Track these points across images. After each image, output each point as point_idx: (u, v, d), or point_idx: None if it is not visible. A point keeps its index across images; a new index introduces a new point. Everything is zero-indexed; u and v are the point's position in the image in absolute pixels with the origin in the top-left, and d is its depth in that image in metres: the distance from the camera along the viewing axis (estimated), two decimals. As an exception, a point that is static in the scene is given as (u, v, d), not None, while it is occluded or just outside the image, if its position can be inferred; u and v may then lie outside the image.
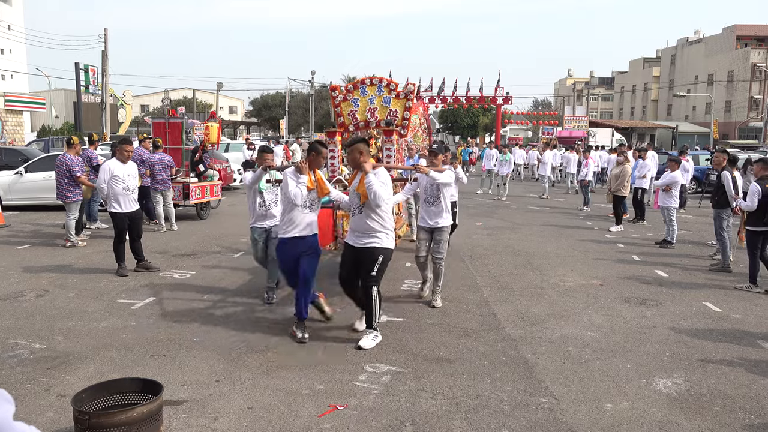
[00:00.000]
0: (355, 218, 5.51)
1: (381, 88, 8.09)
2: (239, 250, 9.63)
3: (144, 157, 11.47)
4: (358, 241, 5.45)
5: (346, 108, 8.21)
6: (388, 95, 8.07)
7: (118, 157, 8.09)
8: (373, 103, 8.12)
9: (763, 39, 57.73)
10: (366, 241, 5.39)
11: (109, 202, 7.94)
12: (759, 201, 7.54)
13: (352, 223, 5.57)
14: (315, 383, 4.53)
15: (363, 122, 8.19)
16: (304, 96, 62.79)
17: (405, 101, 8.06)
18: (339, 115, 8.27)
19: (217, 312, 6.34)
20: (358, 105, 8.16)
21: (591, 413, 4.13)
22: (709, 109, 49.83)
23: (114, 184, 7.87)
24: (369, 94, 8.13)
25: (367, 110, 8.15)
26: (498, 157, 19.10)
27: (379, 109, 8.12)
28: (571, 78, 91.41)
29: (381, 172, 5.45)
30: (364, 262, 5.39)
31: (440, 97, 34.67)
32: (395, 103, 8.08)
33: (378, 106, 8.12)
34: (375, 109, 8.13)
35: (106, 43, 33.90)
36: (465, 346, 5.42)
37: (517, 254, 9.78)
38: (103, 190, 7.93)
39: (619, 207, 12.85)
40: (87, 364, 4.85)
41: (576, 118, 44.95)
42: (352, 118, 8.20)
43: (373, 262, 5.35)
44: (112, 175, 7.86)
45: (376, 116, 8.13)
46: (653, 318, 6.43)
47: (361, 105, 8.16)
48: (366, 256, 5.38)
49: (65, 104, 53.12)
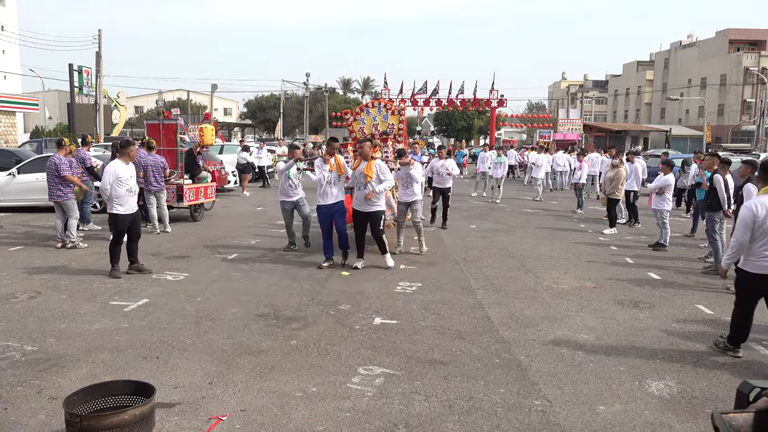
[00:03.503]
0: (359, 192, 8.40)
1: (381, 108, 10.88)
2: (233, 252, 9.62)
3: (137, 159, 11.43)
4: (364, 208, 8.41)
5: (356, 126, 10.87)
6: (386, 113, 10.81)
7: (122, 158, 8.06)
8: (376, 120, 10.80)
9: (756, 43, 58.08)
10: (371, 208, 8.41)
11: (111, 203, 7.86)
12: None
13: (358, 196, 8.47)
14: (308, 385, 4.53)
15: (370, 134, 10.43)
16: (299, 98, 62.77)
17: (399, 116, 10.82)
18: (352, 132, 10.90)
19: (211, 314, 6.32)
20: (364, 123, 10.83)
21: (584, 416, 4.14)
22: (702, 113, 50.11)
23: (118, 185, 7.82)
24: (372, 113, 10.86)
25: (372, 125, 10.78)
26: (492, 160, 19.13)
27: (380, 124, 10.79)
28: (566, 81, 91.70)
29: (381, 164, 8.56)
30: (372, 220, 8.51)
31: (435, 100, 34.67)
32: (392, 118, 10.78)
33: (379, 122, 10.79)
34: (377, 124, 10.78)
35: (100, 44, 33.80)
36: (458, 348, 5.43)
37: (511, 257, 9.80)
38: (106, 192, 7.84)
39: (613, 210, 12.89)
40: (79, 367, 4.83)
41: (570, 121, 45.10)
42: (362, 133, 10.62)
43: (378, 219, 8.58)
44: (117, 177, 7.83)
45: (379, 129, 10.74)
46: (646, 320, 6.45)
47: (367, 122, 10.82)
48: (373, 217, 8.50)
49: (59, 105, 52.87)
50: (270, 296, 7.04)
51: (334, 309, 6.57)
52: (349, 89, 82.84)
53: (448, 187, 12.67)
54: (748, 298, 5.38)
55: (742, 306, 5.41)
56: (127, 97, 45.54)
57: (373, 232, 8.62)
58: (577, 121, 44.97)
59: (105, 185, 7.82)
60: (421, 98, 34.42)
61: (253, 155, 21.53)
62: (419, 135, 48.08)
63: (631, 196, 13.64)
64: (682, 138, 50.99)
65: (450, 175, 12.55)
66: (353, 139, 10.66)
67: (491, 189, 19.30)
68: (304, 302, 6.82)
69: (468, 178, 27.53)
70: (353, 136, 10.79)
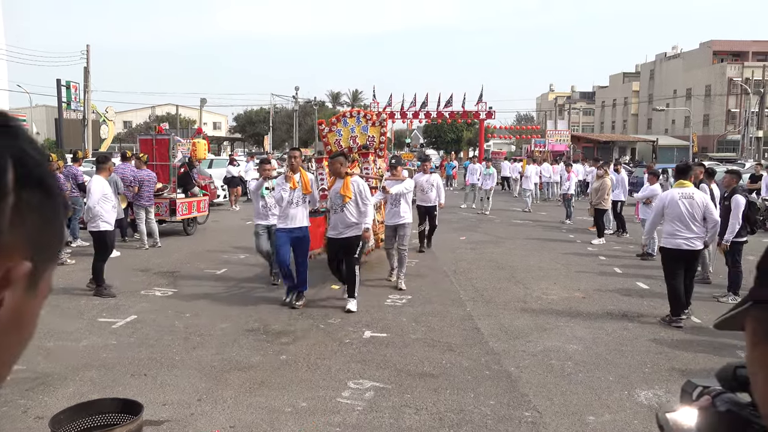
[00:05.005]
0: (337, 215, 7.05)
1: (360, 119, 9.54)
2: (222, 267, 9.58)
3: (133, 174, 11.48)
4: (341, 233, 7.03)
5: (332, 137, 9.49)
6: (365, 124, 9.47)
7: (102, 173, 8.04)
8: (354, 132, 9.47)
9: (739, 54, 58.95)
10: (348, 233, 7.01)
11: (97, 220, 7.74)
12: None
13: (334, 219, 7.12)
14: (298, 401, 4.51)
15: (347, 148, 9.33)
16: (289, 111, 62.86)
17: (380, 128, 9.51)
18: (327, 144, 9.56)
19: (199, 330, 6.29)
20: (341, 134, 9.49)
21: (573, 426, 4.15)
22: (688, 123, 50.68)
23: (104, 202, 7.78)
24: (350, 124, 9.51)
25: (349, 138, 9.46)
26: (481, 172, 19.23)
27: (359, 136, 9.45)
28: (553, 92, 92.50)
29: (360, 180, 7.23)
30: (348, 248, 7.05)
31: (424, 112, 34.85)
32: (372, 130, 9.45)
33: (358, 134, 9.46)
34: (356, 137, 9.46)
35: (88, 59, 33.73)
36: (448, 360, 5.43)
37: (501, 268, 9.83)
38: (93, 209, 7.73)
39: (600, 220, 12.98)
40: (66, 385, 4.78)
41: (558, 132, 45.42)
42: (338, 146, 9.35)
43: (356, 247, 7.07)
44: (104, 194, 7.80)
45: (357, 142, 9.45)
46: (635, 330, 6.49)
47: (344, 134, 9.48)
48: (350, 243, 7.03)
49: (47, 121, 52.57)
50: (259, 311, 7.02)
51: (323, 323, 6.55)
52: (339, 102, 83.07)
53: (434, 205, 11.15)
54: (673, 272, 6.70)
55: (670, 279, 6.76)
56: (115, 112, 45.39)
57: (347, 262, 7.12)
58: (565, 133, 45.27)
59: (95, 203, 7.73)
60: (411, 111, 34.58)
61: (241, 169, 21.53)
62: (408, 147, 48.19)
63: (618, 206, 13.75)
64: (669, 148, 51.48)
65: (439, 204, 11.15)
66: (328, 153, 9.27)
67: (480, 200, 19.38)
68: (293, 316, 6.80)
69: (458, 189, 27.62)
70: (328, 149, 9.48)
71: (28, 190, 0.54)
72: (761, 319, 0.66)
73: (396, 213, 8.36)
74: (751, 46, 59.12)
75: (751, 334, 0.68)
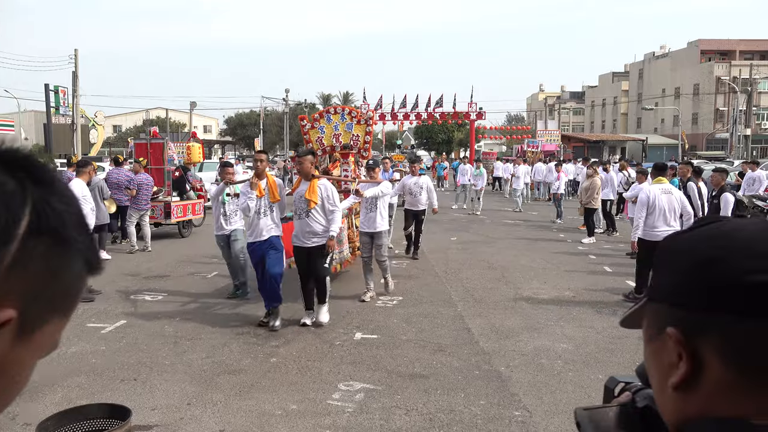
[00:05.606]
0: (301, 221, 6.43)
1: (344, 116, 9.05)
2: (212, 271, 9.54)
3: (130, 177, 11.49)
4: (307, 242, 6.43)
5: (314, 135, 9.02)
6: (350, 122, 9.00)
7: (82, 177, 8.09)
8: (338, 129, 8.98)
9: (726, 53, 59.41)
10: (315, 241, 6.41)
11: None
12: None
13: (299, 226, 6.47)
14: (288, 403, 4.50)
15: (329, 147, 8.98)
16: (279, 114, 62.77)
17: (365, 126, 9.08)
18: (308, 142, 9.07)
19: (189, 334, 6.26)
20: (324, 132, 8.99)
21: (563, 425, 4.17)
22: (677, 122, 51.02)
23: (83, 204, 7.78)
24: (334, 121, 9.02)
25: (332, 136, 8.98)
26: (472, 172, 19.28)
27: (343, 135, 8.97)
28: (543, 93, 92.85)
29: (328, 184, 6.60)
30: (316, 256, 6.44)
31: (414, 114, 34.88)
32: (357, 128, 9.00)
33: (342, 132, 8.98)
34: (339, 135, 8.98)
35: (76, 63, 33.56)
36: (439, 361, 5.43)
37: (492, 268, 9.85)
38: None
39: (590, 219, 13.04)
40: (54, 391, 4.75)
41: (548, 132, 45.61)
42: (320, 144, 8.97)
43: (324, 255, 6.49)
44: (83, 196, 7.80)
45: (341, 141, 8.97)
46: (624, 329, 6.50)
47: (327, 131, 8.99)
48: (317, 252, 6.42)
49: (35, 126, 52.31)
50: (250, 313, 7.00)
51: (314, 325, 6.54)
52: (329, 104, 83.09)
53: (422, 209, 10.60)
54: (647, 259, 7.11)
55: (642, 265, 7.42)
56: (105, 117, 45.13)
57: (315, 271, 6.50)
58: (555, 132, 45.48)
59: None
60: (401, 112, 34.59)
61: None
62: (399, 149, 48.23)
63: (607, 204, 13.83)
64: (659, 147, 51.83)
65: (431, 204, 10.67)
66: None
67: (471, 201, 19.41)
68: (284, 319, 6.78)
69: (449, 190, 27.66)
70: (309, 147, 8.84)
71: (35, 238, 0.52)
72: (654, 315, 0.68)
73: (372, 219, 7.66)
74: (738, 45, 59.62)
75: (646, 330, 0.69)
